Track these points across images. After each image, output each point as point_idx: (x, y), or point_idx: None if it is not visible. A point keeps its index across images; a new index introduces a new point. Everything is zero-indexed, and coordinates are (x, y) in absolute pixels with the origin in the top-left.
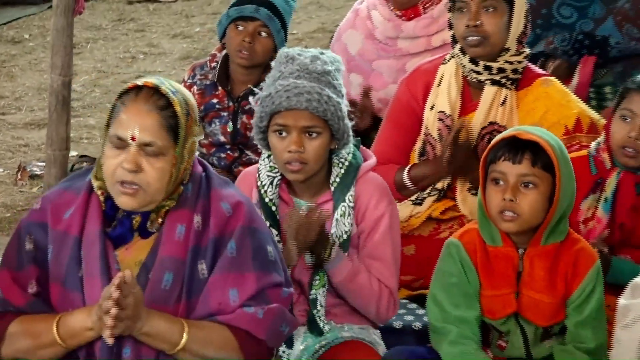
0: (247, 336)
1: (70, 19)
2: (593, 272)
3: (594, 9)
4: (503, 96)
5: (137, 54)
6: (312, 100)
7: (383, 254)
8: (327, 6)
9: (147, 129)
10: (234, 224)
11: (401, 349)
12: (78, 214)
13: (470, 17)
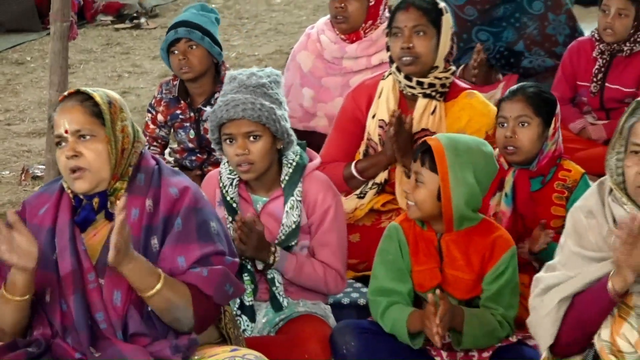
0: (196, 291)
1: (65, 43)
2: (507, 256)
3: (507, 34)
4: (433, 106)
5: (122, 73)
6: (247, 109)
7: (330, 241)
8: (283, 32)
9: (74, 120)
10: (180, 204)
11: (348, 322)
12: (51, 209)
13: (404, 41)
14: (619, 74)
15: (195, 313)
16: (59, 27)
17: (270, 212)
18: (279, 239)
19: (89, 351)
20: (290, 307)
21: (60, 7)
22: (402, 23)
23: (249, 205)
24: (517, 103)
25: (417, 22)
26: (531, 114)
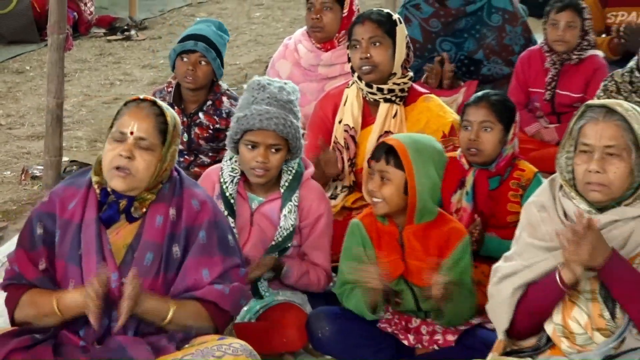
0: (215, 307)
1: (62, 54)
2: (461, 245)
3: (468, 44)
4: (394, 110)
5: (114, 81)
6: (279, 124)
7: (322, 245)
8: (262, 43)
9: (143, 127)
10: (203, 217)
11: (323, 308)
12: (80, 205)
13: (362, 51)
14: (568, 81)
15: (215, 324)
16: (55, 39)
17: (265, 213)
18: (276, 241)
19: (93, 344)
20: (270, 296)
21: (57, 21)
22: (360, 35)
23: (245, 202)
24: (481, 109)
25: (373, 33)
26: (494, 120)
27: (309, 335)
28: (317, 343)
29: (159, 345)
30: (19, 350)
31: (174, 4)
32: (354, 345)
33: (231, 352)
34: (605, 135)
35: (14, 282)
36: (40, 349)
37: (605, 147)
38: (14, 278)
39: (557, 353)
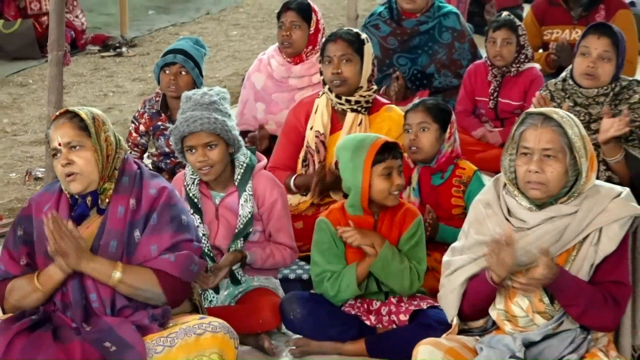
0: (164, 274)
1: (60, 68)
2: (416, 222)
3: (421, 59)
4: (360, 119)
5: (108, 92)
6: (204, 123)
7: (283, 226)
8: (239, 58)
9: (65, 134)
10: (158, 202)
11: (294, 293)
12: (53, 207)
13: (334, 67)
14: (508, 91)
15: (165, 292)
16: (55, 56)
17: (227, 205)
18: (238, 228)
19: (82, 325)
20: (247, 282)
21: (56, 39)
22: (332, 52)
23: (209, 199)
24: (418, 112)
25: (344, 51)
26: (430, 121)
27: (282, 317)
28: (289, 324)
29: (142, 324)
30: (22, 334)
31: (160, 24)
32: (322, 325)
33: (211, 330)
34: (543, 140)
35: (1, 278)
36: (40, 333)
37: (543, 150)
38: (2, 275)
39: (503, 333)
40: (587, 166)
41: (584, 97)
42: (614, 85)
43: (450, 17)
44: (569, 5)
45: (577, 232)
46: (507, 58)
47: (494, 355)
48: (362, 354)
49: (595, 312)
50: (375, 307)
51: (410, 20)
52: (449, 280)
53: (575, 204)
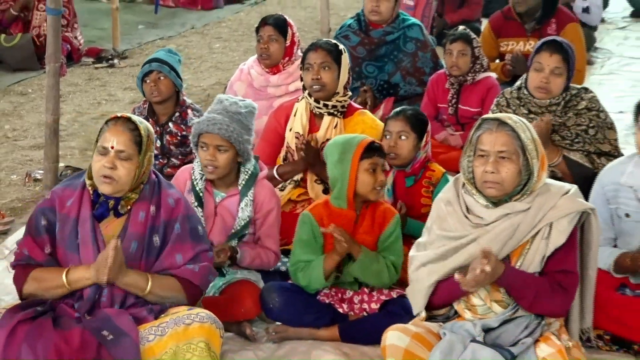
0: (188, 282)
1: (57, 79)
2: (394, 220)
3: (388, 67)
4: (335, 122)
5: (101, 101)
6: (221, 128)
7: (272, 233)
8: (221, 68)
9: (121, 142)
10: (177, 212)
11: (273, 283)
12: (76, 203)
13: (314, 74)
14: (467, 98)
15: (187, 297)
16: (52, 67)
17: (226, 206)
18: (235, 229)
19: (84, 316)
20: (230, 274)
21: (53, 52)
22: (312, 60)
23: (211, 196)
24: (399, 121)
25: (323, 59)
26: (409, 130)
27: (262, 306)
28: (269, 312)
29: (140, 316)
30: (24, 322)
31: (149, 38)
32: (299, 313)
33: (198, 320)
34: (498, 143)
35: (22, 263)
36: (41, 321)
37: (498, 152)
38: (23, 259)
39: (463, 319)
40: (539, 166)
41: (537, 107)
42: (564, 95)
43: (414, 29)
44: (523, 19)
45: (530, 227)
46: (463, 68)
47: (456, 339)
48: (336, 339)
49: (544, 301)
50: (348, 296)
51: (377, 30)
52: (417, 277)
53: (528, 201)
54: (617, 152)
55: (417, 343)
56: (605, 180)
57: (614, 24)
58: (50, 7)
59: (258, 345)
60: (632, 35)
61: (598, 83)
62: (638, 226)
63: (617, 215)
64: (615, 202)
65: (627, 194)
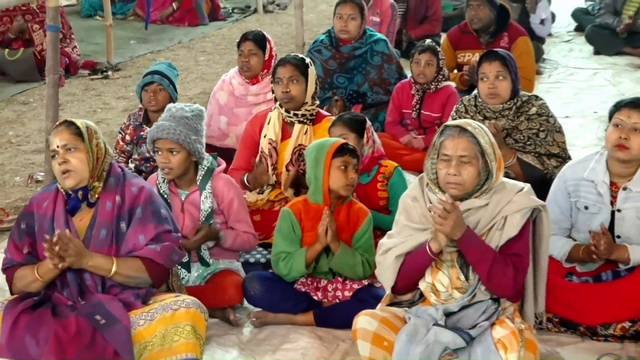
0: (151, 262)
1: (56, 89)
2: (368, 219)
3: (357, 78)
4: (305, 129)
5: (97, 109)
6: (170, 133)
7: (242, 218)
8: (206, 79)
9: (63, 138)
10: (140, 198)
11: (254, 273)
12: (51, 203)
13: (283, 87)
14: (429, 105)
15: (151, 277)
16: (52, 78)
17: (191, 201)
18: (201, 220)
19: (78, 300)
20: (214, 264)
21: (52, 65)
22: (282, 74)
23: (176, 196)
24: (337, 127)
25: (291, 73)
26: (347, 131)
27: (244, 293)
28: (250, 299)
29: (128, 301)
30: (25, 312)
31: (139, 52)
32: (278, 300)
33: (185, 306)
34: (459, 148)
35: (7, 266)
36: (41, 311)
37: (460, 157)
38: (8, 263)
39: (427, 304)
40: (496, 167)
41: (492, 112)
42: (515, 100)
43: (380, 43)
44: (478, 33)
45: (488, 221)
46: (429, 76)
47: (420, 323)
48: (311, 323)
49: (499, 273)
50: (323, 285)
51: (346, 46)
52: (384, 258)
53: (486, 198)
54: (565, 154)
55: (385, 327)
56: (569, 175)
57: (560, 37)
58: (50, 24)
59: (240, 330)
60: (576, 48)
61: (546, 91)
62: (593, 217)
63: (577, 207)
64: (575, 196)
65: (587, 188)
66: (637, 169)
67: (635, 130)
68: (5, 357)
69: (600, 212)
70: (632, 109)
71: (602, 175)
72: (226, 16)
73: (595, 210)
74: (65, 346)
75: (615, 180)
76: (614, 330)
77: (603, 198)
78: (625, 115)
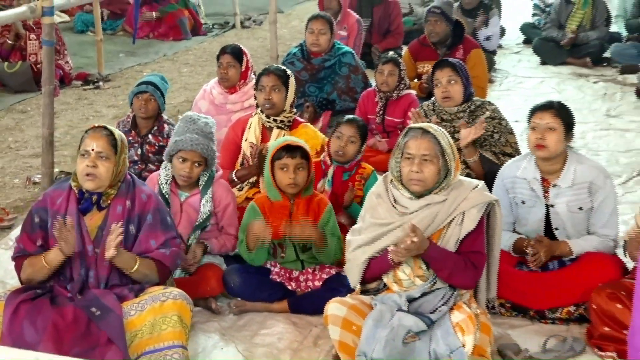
0: (160, 264)
1: (52, 99)
2: (328, 209)
3: (327, 88)
4: (283, 134)
5: (89, 116)
6: (203, 148)
7: (232, 222)
8: (189, 89)
9: (100, 145)
10: (149, 205)
11: (234, 266)
12: (64, 201)
13: (266, 95)
14: (392, 111)
15: (159, 276)
16: (47, 89)
17: (190, 203)
18: (199, 221)
19: (76, 296)
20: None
21: (48, 76)
22: (265, 83)
23: (176, 196)
24: (352, 128)
25: (274, 82)
26: (358, 137)
27: (224, 285)
28: (230, 289)
29: (122, 294)
30: (26, 302)
31: (128, 64)
32: (255, 290)
33: (172, 297)
34: (422, 148)
35: (19, 255)
36: (40, 300)
37: (422, 156)
38: (20, 252)
39: (392, 292)
40: (454, 166)
41: (448, 114)
42: (469, 104)
43: (347, 55)
44: (436, 46)
45: (446, 215)
46: (391, 85)
47: (386, 309)
48: (286, 311)
49: (459, 274)
50: (295, 276)
51: (317, 58)
52: (354, 257)
53: (445, 194)
54: (517, 153)
55: (353, 312)
56: (505, 174)
57: (510, 49)
58: (45, 39)
59: (222, 317)
60: (524, 59)
61: (497, 98)
62: (531, 211)
63: (515, 202)
64: (513, 192)
65: (522, 185)
66: (562, 166)
67: (549, 129)
68: (6, 344)
69: (536, 206)
70: (544, 112)
71: (532, 173)
72: (207, 31)
73: (532, 204)
74: (62, 334)
75: (546, 177)
76: (561, 314)
77: (536, 193)
78: (539, 118)
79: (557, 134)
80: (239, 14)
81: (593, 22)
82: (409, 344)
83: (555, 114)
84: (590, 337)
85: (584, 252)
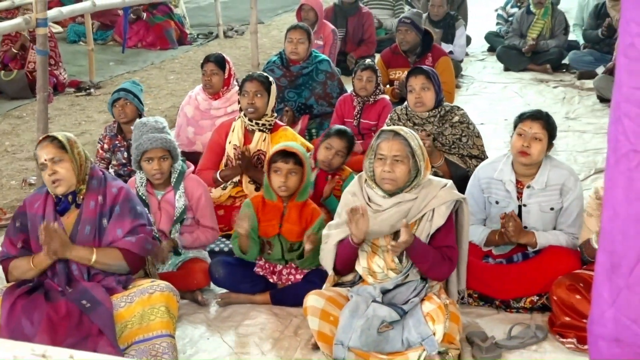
0: (127, 251)
1: (46, 105)
2: (321, 218)
3: (305, 93)
4: (264, 137)
5: (81, 122)
6: (163, 142)
7: (207, 213)
8: (175, 95)
9: (48, 152)
10: (119, 197)
11: (218, 259)
12: (42, 204)
13: (249, 100)
14: (367, 114)
15: (128, 264)
16: (42, 96)
17: (166, 200)
18: (176, 216)
19: (66, 288)
20: (185, 254)
21: (42, 84)
22: (248, 88)
23: (153, 196)
24: (343, 142)
25: (257, 88)
26: (345, 152)
27: (210, 277)
28: (216, 281)
29: (110, 287)
30: (22, 297)
31: (118, 72)
32: (239, 282)
33: (159, 290)
34: (394, 149)
35: (4, 258)
36: (35, 296)
37: (394, 156)
38: (4, 255)
39: (367, 284)
40: (424, 166)
41: (420, 119)
42: (440, 109)
43: (324, 63)
44: (407, 54)
45: (417, 212)
46: (369, 90)
47: (361, 300)
48: (268, 302)
49: (437, 267)
50: (278, 269)
51: (295, 66)
52: (326, 245)
53: (415, 192)
54: (483, 155)
55: (331, 304)
56: (481, 174)
57: (475, 56)
58: (39, 49)
59: (207, 309)
60: (489, 65)
61: (465, 102)
62: (503, 210)
63: (489, 202)
64: (488, 192)
65: (497, 185)
66: (537, 170)
67: (536, 139)
68: (4, 336)
69: (509, 206)
70: (533, 121)
71: (508, 175)
72: (192, 41)
73: (505, 204)
74: (56, 326)
75: (520, 179)
76: (524, 303)
77: (511, 194)
78: (527, 126)
79: (541, 145)
80: (222, 25)
81: (552, 31)
82: (383, 333)
83: (544, 125)
84: (552, 325)
85: (548, 245)
